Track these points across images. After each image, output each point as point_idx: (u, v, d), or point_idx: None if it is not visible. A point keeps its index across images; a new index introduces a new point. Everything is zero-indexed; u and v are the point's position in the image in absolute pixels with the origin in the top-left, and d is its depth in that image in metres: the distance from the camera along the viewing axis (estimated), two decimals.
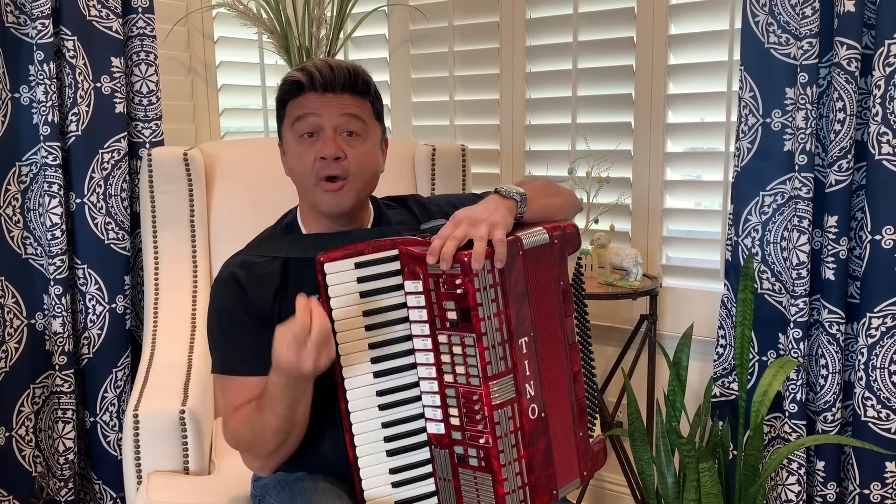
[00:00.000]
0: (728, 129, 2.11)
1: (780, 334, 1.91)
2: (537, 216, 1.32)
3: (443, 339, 1.19)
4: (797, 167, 1.81)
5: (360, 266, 1.22)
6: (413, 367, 1.23)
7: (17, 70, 1.99)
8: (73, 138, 2.06)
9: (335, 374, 1.23)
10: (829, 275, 1.79)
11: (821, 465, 1.85)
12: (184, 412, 1.68)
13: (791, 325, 1.84)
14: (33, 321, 2.07)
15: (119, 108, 2.12)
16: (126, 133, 2.14)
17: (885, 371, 1.77)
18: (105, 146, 2.10)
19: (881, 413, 1.77)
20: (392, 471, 1.24)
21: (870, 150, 1.73)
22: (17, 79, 2.00)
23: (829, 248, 1.78)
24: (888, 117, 1.70)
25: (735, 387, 1.97)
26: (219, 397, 1.95)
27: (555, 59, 2.41)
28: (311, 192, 1.35)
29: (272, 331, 1.33)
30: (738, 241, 1.94)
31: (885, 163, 1.72)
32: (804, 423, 1.86)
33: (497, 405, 1.17)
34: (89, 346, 2.13)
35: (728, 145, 2.12)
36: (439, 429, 1.22)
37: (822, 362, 1.82)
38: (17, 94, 2.00)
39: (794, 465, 1.87)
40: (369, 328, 1.22)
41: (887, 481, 1.79)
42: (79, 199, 2.08)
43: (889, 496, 1.79)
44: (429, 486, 1.25)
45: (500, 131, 2.53)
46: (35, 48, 1.97)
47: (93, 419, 2.15)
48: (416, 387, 1.24)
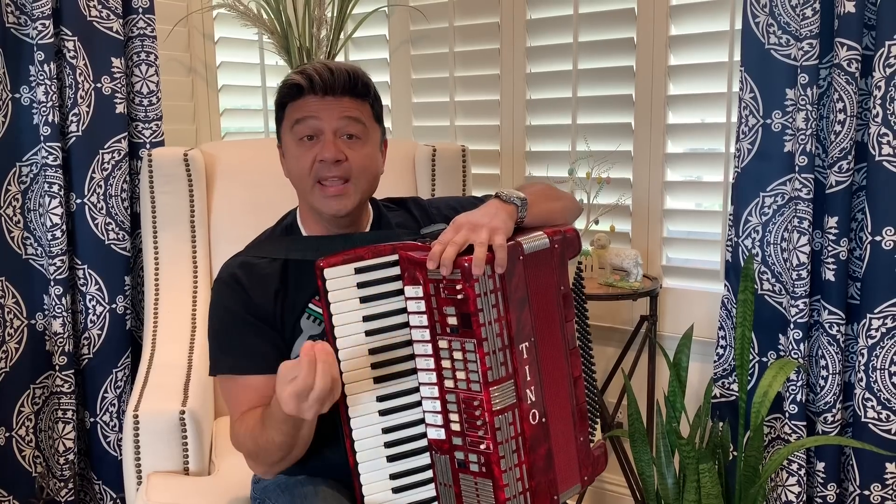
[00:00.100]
0: (728, 130, 2.11)
1: (780, 335, 1.91)
2: (538, 220, 1.32)
3: (443, 344, 1.19)
4: (797, 168, 1.81)
5: (360, 271, 1.22)
6: (413, 373, 1.23)
7: (18, 70, 1.99)
8: (74, 139, 2.06)
9: (339, 382, 1.22)
10: (830, 276, 1.79)
11: (821, 466, 1.85)
12: (184, 413, 1.68)
13: (791, 326, 1.84)
14: (33, 321, 2.07)
15: (119, 108, 2.12)
16: (126, 133, 2.14)
17: (886, 372, 1.77)
18: (105, 146, 2.10)
19: (881, 414, 1.78)
20: (392, 476, 1.24)
21: (870, 151, 1.73)
22: (17, 79, 2.00)
23: (830, 249, 1.78)
24: (888, 118, 1.70)
25: (735, 388, 1.97)
26: (219, 398, 1.96)
27: (555, 59, 2.40)
28: (310, 194, 1.35)
29: (275, 330, 1.34)
30: (739, 242, 1.94)
31: (885, 164, 1.72)
32: (804, 424, 1.86)
33: (498, 411, 1.17)
34: (89, 346, 2.13)
35: (728, 146, 2.12)
36: (440, 434, 1.22)
37: (823, 363, 1.82)
38: (17, 95, 2.00)
39: (795, 466, 1.87)
40: (369, 333, 1.22)
41: (887, 482, 1.79)
42: (79, 200, 2.08)
43: (889, 497, 1.79)
44: (429, 492, 1.25)
45: (500, 132, 2.53)
46: (35, 48, 1.97)
47: (93, 419, 2.15)
48: (416, 392, 1.23)
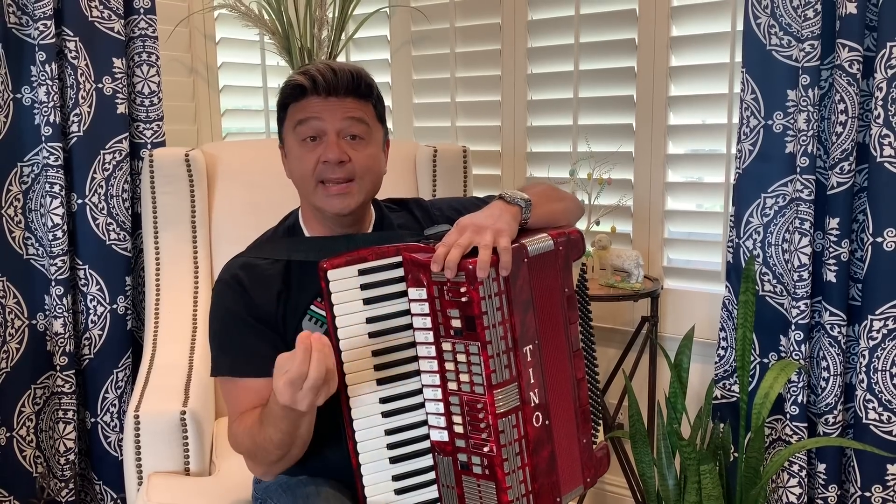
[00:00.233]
0: (729, 131, 2.11)
1: (781, 336, 1.91)
2: (541, 222, 1.32)
3: (447, 346, 1.19)
4: (798, 169, 1.81)
5: (363, 273, 1.22)
6: (416, 375, 1.23)
7: (19, 71, 1.99)
8: (75, 139, 2.05)
9: (338, 381, 1.22)
10: (831, 277, 1.79)
11: (822, 467, 1.85)
12: (185, 413, 1.68)
13: (792, 327, 1.85)
14: (34, 322, 2.06)
15: (121, 108, 2.11)
16: (127, 134, 2.14)
17: (887, 373, 1.77)
18: (107, 147, 2.10)
19: (882, 415, 1.78)
20: (395, 477, 1.24)
21: (871, 153, 1.73)
22: (19, 79, 1.99)
23: (831, 250, 1.78)
24: (890, 119, 1.70)
25: (736, 389, 1.97)
26: (220, 398, 1.95)
27: (556, 60, 2.40)
28: (313, 194, 1.34)
29: (276, 332, 1.34)
30: (740, 243, 1.94)
31: (886, 165, 1.72)
32: (805, 425, 1.86)
33: (501, 413, 1.17)
34: (90, 346, 2.13)
35: (729, 147, 2.12)
36: (443, 436, 1.22)
37: (824, 364, 1.83)
38: (18, 95, 2.00)
39: (796, 468, 1.87)
40: (372, 335, 1.22)
41: (888, 484, 1.79)
42: (80, 200, 2.08)
43: (890, 499, 1.79)
44: (432, 493, 1.25)
45: (501, 133, 2.52)
46: (37, 49, 1.96)
47: (93, 420, 2.15)
48: (419, 394, 1.23)
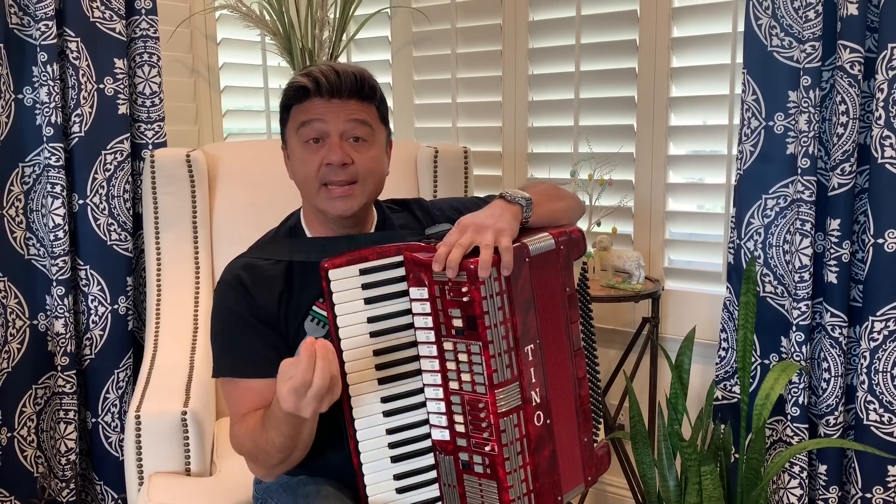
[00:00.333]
0: (730, 132, 2.11)
1: (782, 338, 1.91)
2: (542, 221, 1.32)
3: (448, 346, 1.19)
4: (800, 170, 1.81)
5: (364, 272, 1.22)
6: (418, 374, 1.23)
7: (21, 71, 1.99)
8: (76, 139, 2.06)
9: (340, 380, 1.22)
10: (832, 278, 1.79)
11: (823, 468, 1.85)
12: (185, 413, 1.68)
13: (793, 328, 1.85)
14: (36, 322, 2.07)
15: (122, 109, 2.12)
16: (129, 134, 2.14)
17: (888, 375, 1.77)
18: (108, 147, 2.10)
19: (883, 417, 1.78)
20: (396, 476, 1.24)
21: (872, 154, 1.73)
22: (20, 80, 2.00)
23: (832, 251, 1.78)
24: (891, 121, 1.70)
25: (737, 390, 1.97)
26: (221, 399, 1.95)
27: (557, 61, 2.40)
28: (316, 196, 1.34)
29: (278, 333, 1.34)
30: (741, 244, 1.94)
31: (887, 166, 1.72)
32: (806, 426, 1.86)
33: (503, 413, 1.17)
34: (91, 346, 2.13)
35: (730, 148, 2.12)
36: (444, 435, 1.22)
37: (825, 366, 1.82)
38: (20, 96, 2.00)
39: (796, 469, 1.87)
40: (374, 335, 1.22)
41: (889, 485, 1.79)
42: (81, 200, 2.08)
43: (891, 500, 1.79)
44: (433, 492, 1.25)
45: (502, 133, 2.53)
46: (39, 49, 1.97)
47: (94, 420, 2.15)
48: (420, 393, 1.23)
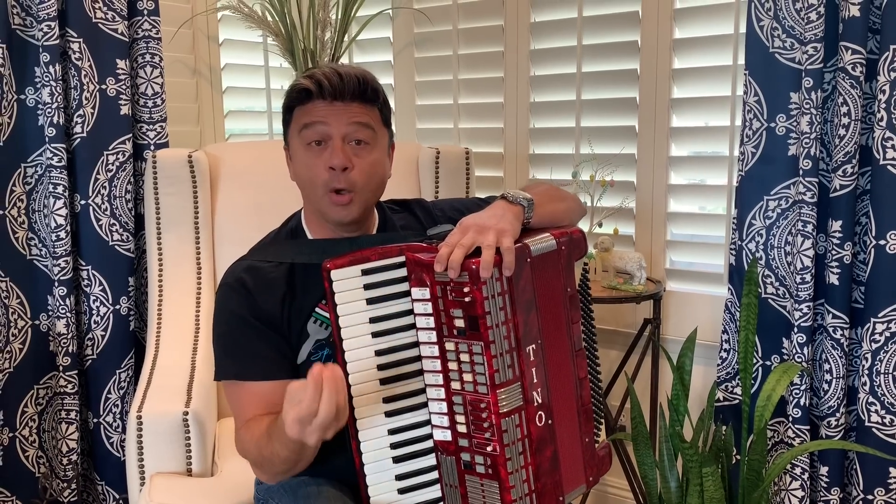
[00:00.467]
0: (732, 134, 2.11)
1: (783, 339, 1.91)
2: (544, 221, 1.32)
3: (450, 346, 1.19)
4: (801, 172, 1.81)
5: (366, 273, 1.22)
6: (419, 374, 1.23)
7: (23, 71, 2.00)
8: (79, 140, 2.06)
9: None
10: (833, 279, 1.79)
11: (824, 470, 1.85)
12: (187, 414, 1.69)
13: (795, 329, 1.84)
14: (37, 322, 2.07)
15: (124, 109, 2.12)
16: (131, 135, 2.15)
17: (889, 376, 1.76)
18: (110, 148, 2.11)
19: (885, 418, 1.77)
20: (398, 477, 1.24)
21: (874, 155, 1.73)
22: (22, 80, 2.00)
23: (834, 252, 1.78)
24: (893, 122, 1.70)
25: (738, 391, 1.97)
26: (223, 399, 1.96)
27: (559, 62, 2.40)
28: (320, 201, 1.34)
29: (281, 335, 1.34)
30: (742, 246, 1.94)
31: (889, 168, 1.72)
32: (808, 428, 1.86)
33: (505, 413, 1.17)
34: (93, 347, 2.13)
35: (732, 149, 2.12)
36: (446, 436, 1.22)
37: (826, 367, 1.82)
38: (22, 96, 2.01)
39: (798, 471, 1.87)
40: (376, 335, 1.22)
41: (891, 486, 1.79)
42: (83, 201, 2.09)
43: (893, 501, 1.79)
44: (435, 493, 1.25)
45: (503, 135, 2.53)
46: (41, 50, 1.97)
47: (96, 420, 2.15)
48: (422, 394, 1.23)
